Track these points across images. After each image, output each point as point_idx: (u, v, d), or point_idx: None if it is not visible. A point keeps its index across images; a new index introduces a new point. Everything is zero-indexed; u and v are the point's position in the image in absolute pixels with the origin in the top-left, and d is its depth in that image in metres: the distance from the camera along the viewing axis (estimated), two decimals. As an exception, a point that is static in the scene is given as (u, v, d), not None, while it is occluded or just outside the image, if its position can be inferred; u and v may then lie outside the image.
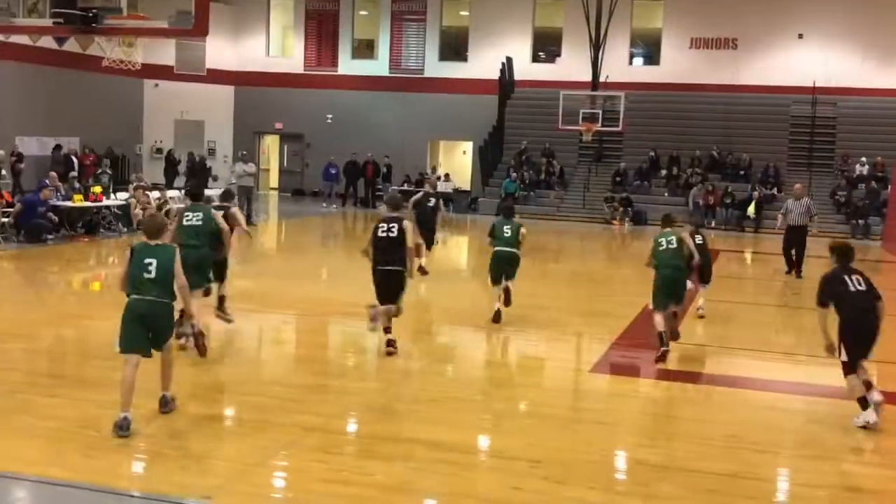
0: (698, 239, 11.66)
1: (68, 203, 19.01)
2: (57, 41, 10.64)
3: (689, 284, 11.14)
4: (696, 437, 7.18)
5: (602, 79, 29.58)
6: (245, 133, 34.41)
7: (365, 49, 34.96)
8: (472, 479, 6.13)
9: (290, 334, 11.19)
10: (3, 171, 24.52)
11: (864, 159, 28.16)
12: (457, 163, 34.07)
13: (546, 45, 33.32)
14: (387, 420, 7.28)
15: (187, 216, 9.43)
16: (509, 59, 32.08)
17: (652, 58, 32.58)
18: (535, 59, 33.14)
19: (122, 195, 20.90)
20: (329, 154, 31.38)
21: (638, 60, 33.08)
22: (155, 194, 20.01)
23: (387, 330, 9.47)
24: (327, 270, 16.45)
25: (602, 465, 6.52)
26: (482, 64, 32.32)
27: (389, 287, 9.41)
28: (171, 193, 21.27)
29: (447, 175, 31.74)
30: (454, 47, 33.89)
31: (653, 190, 29.21)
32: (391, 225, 9.43)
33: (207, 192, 11.48)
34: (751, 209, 27.12)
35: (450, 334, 11.09)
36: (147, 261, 6.78)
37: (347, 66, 34.19)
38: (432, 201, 15.35)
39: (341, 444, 6.76)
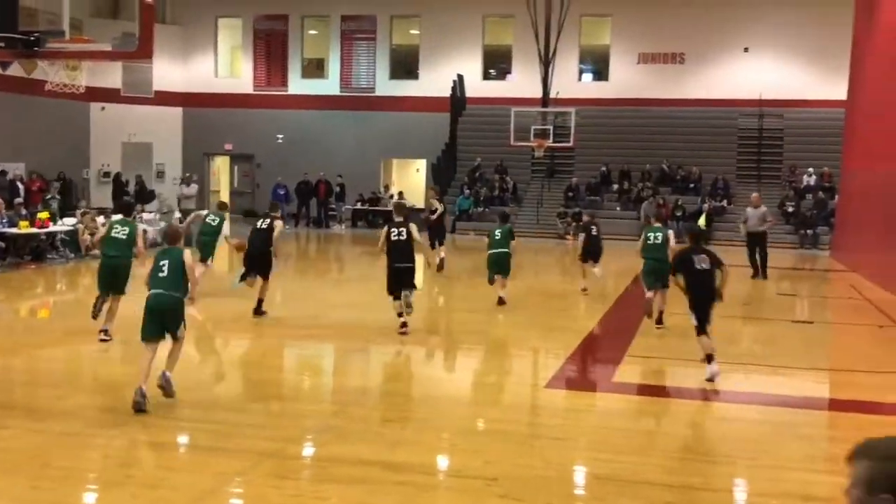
0: (594, 230, 15.46)
1: (14, 230, 18.68)
2: (0, 65, 10.47)
3: (597, 271, 15.56)
4: (654, 449, 7.23)
5: (552, 95, 29.86)
6: (194, 155, 34.13)
7: (315, 68, 34.91)
8: (430, 500, 6.10)
9: (243, 357, 11.08)
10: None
11: (811, 170, 28.72)
12: (410, 181, 34.13)
13: (496, 63, 33.56)
14: (342, 442, 7.23)
15: (116, 228, 10.78)
16: (460, 77, 32.26)
17: (601, 74, 32.96)
18: (486, 76, 33.36)
19: (70, 221, 20.58)
20: (280, 174, 31.21)
21: (587, 76, 33.46)
22: (100, 219, 19.73)
23: (408, 305, 11.62)
24: (281, 292, 16.35)
25: (560, 481, 6.53)
26: (433, 82, 32.45)
27: (403, 279, 11.58)
28: (116, 218, 20.99)
29: (401, 193, 31.74)
30: (405, 66, 33.99)
31: (605, 204, 29.47)
32: (401, 229, 11.52)
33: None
34: (701, 221, 27.34)
35: (404, 353, 11.07)
36: (161, 262, 8.08)
37: (297, 85, 34.11)
38: (437, 209, 19.07)
39: (297, 469, 6.70)
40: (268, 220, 12.63)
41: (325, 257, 24.26)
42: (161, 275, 8.03)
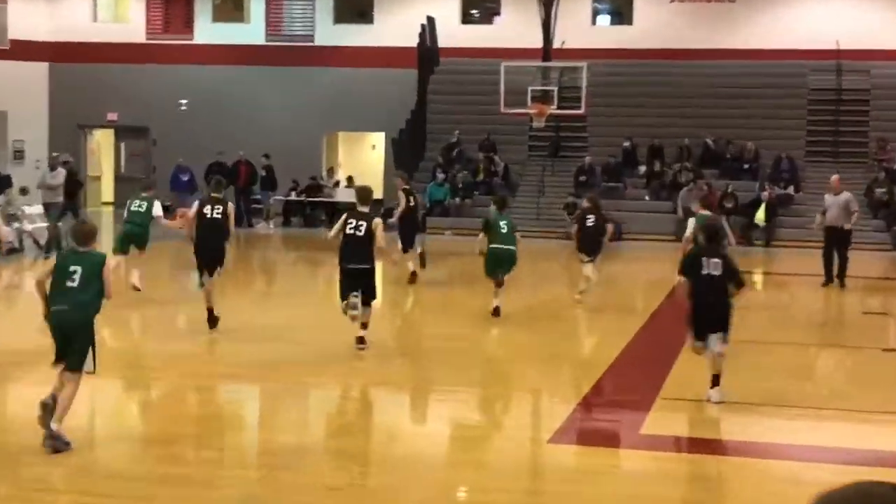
0: (590, 220, 16.41)
1: None
2: None
3: (590, 272, 16.52)
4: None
5: (557, 45, 29.88)
6: (65, 127, 33.90)
7: (231, 9, 34.78)
8: None
9: (134, 406, 11.02)
10: None
11: (907, 144, 28.95)
12: (363, 162, 34.08)
13: (480, 1, 33.60)
14: (273, 519, 7.21)
15: None
16: (431, 20, 32.26)
17: (622, 15, 33.06)
18: (466, 19, 33.36)
19: None
20: (183, 154, 31.02)
21: (604, 19, 33.56)
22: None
23: (363, 326, 12.42)
24: (185, 319, 16.28)
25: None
26: (394, 27, 32.41)
27: (358, 283, 12.32)
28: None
29: (350, 179, 31.69)
30: (355, 5, 33.95)
31: (629, 192, 29.54)
32: (360, 223, 12.32)
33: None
34: (759, 215, 27.51)
35: (357, 396, 11.04)
36: (72, 268, 8.46)
37: (207, 32, 33.96)
38: (400, 205, 19.44)
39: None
40: (220, 207, 13.72)
41: (248, 267, 24.16)
42: (70, 285, 8.45)
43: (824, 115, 30.29)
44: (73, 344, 8.43)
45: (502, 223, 15.31)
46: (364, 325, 12.45)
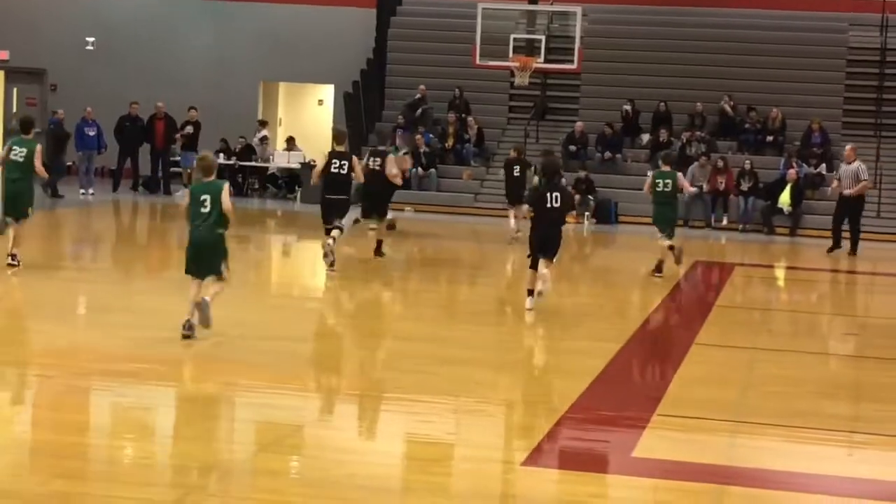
0: (516, 170, 22.71)
1: None
2: None
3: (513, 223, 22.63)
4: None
5: (546, -16, 29.89)
6: (-55, 68, 33.68)
7: (151, -72, 34.58)
8: None
9: (23, 408, 10.94)
10: None
11: (963, 115, 29.14)
12: (308, 120, 34.00)
13: (454, -73, 33.53)
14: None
15: (14, 150, 16.09)
16: (393, -51, 32.22)
17: (626, -49, 33.09)
18: (437, -51, 33.30)
19: None
20: (89, 104, 30.81)
21: (604, -46, 33.55)
22: None
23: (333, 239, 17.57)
24: (86, 302, 16.20)
25: None
26: (348, -43, 32.34)
27: (336, 210, 17.48)
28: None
29: (291, 140, 31.59)
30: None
31: (628, 166, 29.57)
32: (343, 162, 17.50)
33: None
34: (784, 198, 27.51)
35: (297, 406, 11.01)
36: (202, 197, 12.31)
37: (121, -44, 33.81)
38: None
39: None
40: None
41: (165, 244, 24.01)
42: (203, 210, 12.26)
43: (865, 80, 30.41)
44: (210, 257, 12.36)
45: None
46: (331, 253, 17.30)
